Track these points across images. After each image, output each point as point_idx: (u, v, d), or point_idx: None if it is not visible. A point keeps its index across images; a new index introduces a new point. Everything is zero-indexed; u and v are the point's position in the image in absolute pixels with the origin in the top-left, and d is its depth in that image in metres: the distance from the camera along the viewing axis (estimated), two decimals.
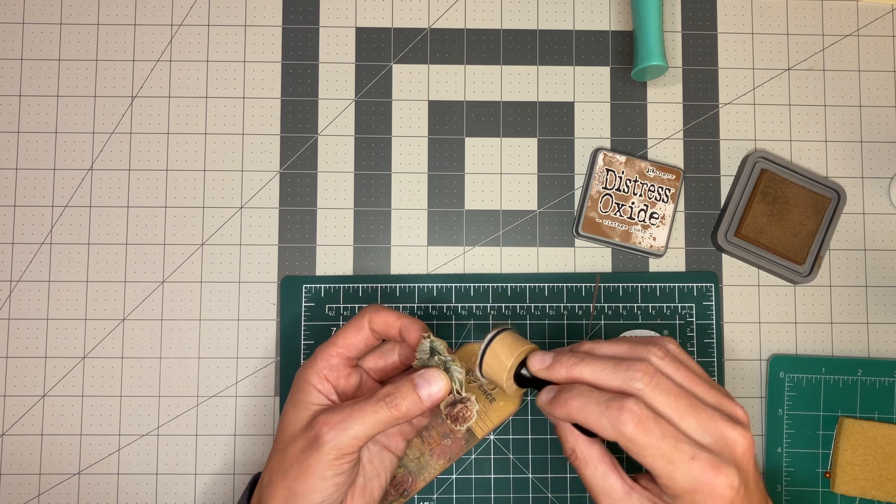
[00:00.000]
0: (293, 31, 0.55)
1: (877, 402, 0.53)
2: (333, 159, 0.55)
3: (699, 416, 0.38)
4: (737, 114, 0.55)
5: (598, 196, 0.54)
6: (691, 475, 0.36)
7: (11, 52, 0.55)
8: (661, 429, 0.37)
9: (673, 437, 0.37)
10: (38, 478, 0.52)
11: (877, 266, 0.55)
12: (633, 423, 0.36)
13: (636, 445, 0.37)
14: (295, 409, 0.42)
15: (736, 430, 0.38)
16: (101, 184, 0.54)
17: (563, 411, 0.39)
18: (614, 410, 0.37)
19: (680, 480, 0.36)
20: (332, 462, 0.40)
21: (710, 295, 0.54)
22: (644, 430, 0.36)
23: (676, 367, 0.39)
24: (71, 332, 0.53)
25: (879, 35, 0.56)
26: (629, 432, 0.36)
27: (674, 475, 0.36)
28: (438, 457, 0.51)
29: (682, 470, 0.36)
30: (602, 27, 0.56)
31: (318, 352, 0.44)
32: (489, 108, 0.55)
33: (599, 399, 0.38)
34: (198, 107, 0.55)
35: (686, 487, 0.36)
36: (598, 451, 0.39)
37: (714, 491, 0.36)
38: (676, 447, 0.36)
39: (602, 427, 0.37)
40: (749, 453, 0.38)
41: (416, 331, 0.43)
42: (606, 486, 0.39)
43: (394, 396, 0.40)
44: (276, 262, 0.54)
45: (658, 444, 0.36)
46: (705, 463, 0.36)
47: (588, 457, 0.39)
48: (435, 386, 0.41)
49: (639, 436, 0.36)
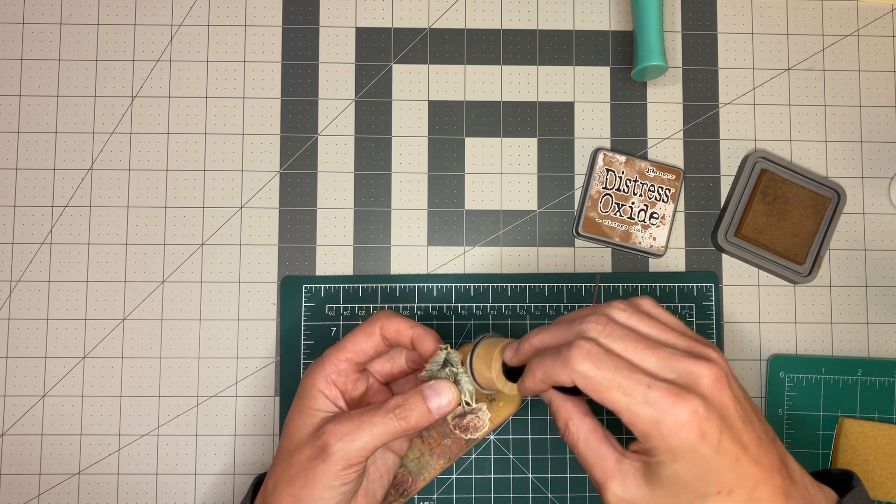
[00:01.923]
0: (293, 31, 0.55)
1: (877, 402, 0.53)
2: (333, 159, 0.55)
3: (658, 354, 0.36)
4: (737, 114, 0.55)
5: (598, 196, 0.54)
6: (651, 404, 0.35)
7: (11, 52, 0.55)
8: (614, 362, 0.36)
9: (627, 369, 0.36)
10: (38, 478, 0.52)
11: (877, 266, 0.55)
12: (581, 357, 0.36)
13: (591, 382, 0.36)
14: (301, 415, 0.42)
15: (701, 364, 0.36)
16: (101, 184, 0.54)
17: (530, 380, 0.39)
18: (565, 352, 0.36)
19: (640, 412, 0.35)
20: (340, 472, 0.40)
21: (710, 295, 0.54)
22: (596, 363, 0.36)
23: (640, 319, 0.38)
24: (71, 332, 0.53)
25: (879, 35, 0.56)
26: (581, 368, 0.36)
27: (632, 407, 0.35)
28: (438, 457, 0.51)
29: (640, 399, 0.35)
30: (602, 27, 0.56)
31: (326, 356, 0.43)
32: (489, 108, 0.55)
33: (554, 351, 0.37)
34: (198, 107, 0.55)
35: (648, 419, 0.35)
36: (590, 424, 0.39)
37: (678, 419, 0.34)
38: (631, 377, 0.35)
39: (558, 373, 0.37)
40: (718, 385, 0.36)
41: (430, 342, 0.43)
42: (598, 456, 0.38)
43: (403, 408, 0.40)
44: (276, 262, 0.54)
45: (612, 376, 0.35)
46: (663, 390, 0.35)
47: (579, 430, 0.39)
48: (444, 397, 0.41)
49: (591, 370, 0.36)
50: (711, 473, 0.35)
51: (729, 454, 0.35)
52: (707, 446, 0.35)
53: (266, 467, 0.52)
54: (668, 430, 0.35)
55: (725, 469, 0.35)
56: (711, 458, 0.35)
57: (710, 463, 0.35)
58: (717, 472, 0.35)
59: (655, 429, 0.35)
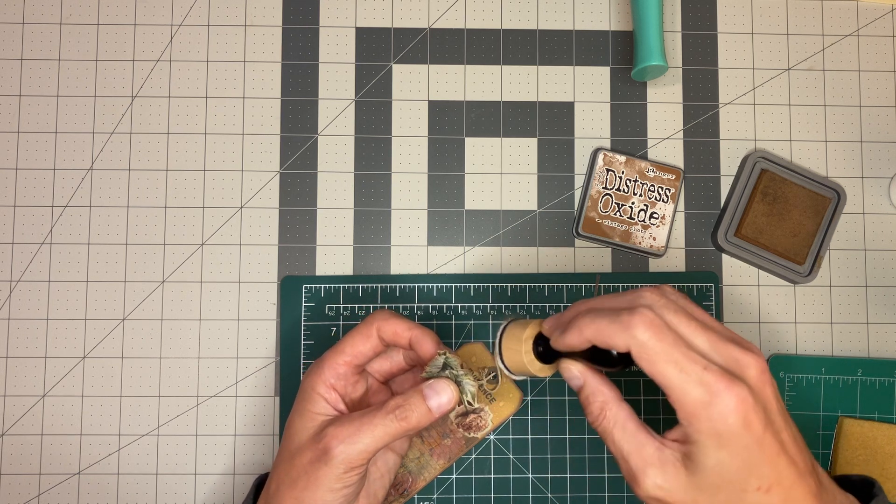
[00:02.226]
0: (293, 31, 0.55)
1: (877, 402, 0.53)
2: (333, 159, 0.55)
3: (709, 337, 0.36)
4: (737, 114, 0.55)
5: (598, 196, 0.54)
6: (704, 385, 0.34)
7: (11, 52, 0.55)
8: (673, 336, 0.35)
9: (686, 347, 0.35)
10: (38, 478, 0.52)
11: (877, 266, 0.55)
12: (644, 325, 0.35)
13: (648, 352, 0.35)
14: (302, 418, 0.42)
15: (749, 354, 0.35)
16: (101, 184, 0.54)
17: (575, 336, 0.37)
18: (626, 317, 0.35)
19: (692, 392, 0.34)
20: (342, 475, 0.40)
21: (710, 295, 0.54)
22: (656, 334, 0.35)
23: (687, 302, 0.38)
24: (71, 332, 0.53)
25: (879, 35, 0.56)
26: (641, 336, 0.35)
27: (685, 386, 0.34)
28: (438, 457, 0.51)
29: (694, 378, 0.34)
30: (602, 27, 0.56)
31: (324, 359, 0.43)
32: (489, 108, 0.55)
33: (611, 313, 0.36)
34: (198, 107, 0.55)
35: (699, 400, 0.34)
36: (627, 410, 0.38)
37: (728, 405, 0.34)
38: (688, 355, 0.35)
39: (613, 335, 0.36)
40: (763, 377, 0.35)
41: (429, 344, 0.43)
42: (637, 444, 0.37)
43: (403, 409, 0.40)
44: (276, 262, 0.54)
45: (670, 350, 0.35)
46: (717, 374, 0.34)
47: (618, 415, 0.37)
48: (444, 396, 0.41)
49: (651, 340, 0.35)
50: (753, 466, 0.35)
51: (770, 449, 0.35)
52: (751, 436, 0.34)
53: (266, 467, 0.52)
54: (716, 414, 0.34)
55: (766, 463, 0.35)
56: (754, 450, 0.34)
57: (752, 454, 0.34)
58: (758, 466, 0.34)
59: (704, 411, 0.34)
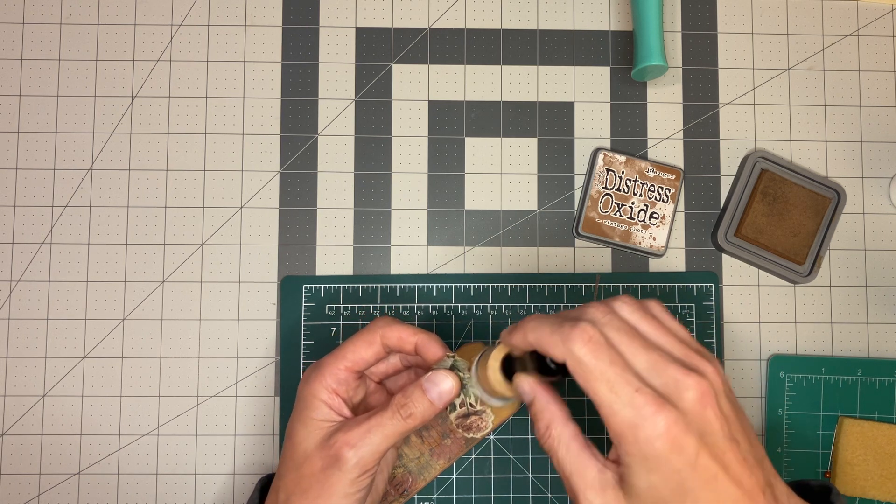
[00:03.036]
0: (293, 31, 0.55)
1: (877, 402, 0.53)
2: (333, 159, 0.55)
3: (650, 356, 0.35)
4: (737, 114, 0.55)
5: (598, 196, 0.54)
6: (633, 407, 0.34)
7: (11, 52, 0.55)
8: (610, 355, 0.35)
9: (621, 367, 0.35)
10: (38, 478, 0.52)
11: (877, 266, 0.55)
12: (582, 341, 0.35)
13: (583, 368, 0.35)
14: (305, 426, 0.42)
15: (690, 377, 0.35)
16: (101, 184, 0.54)
17: (519, 336, 0.38)
18: (567, 329, 0.35)
19: (620, 412, 0.34)
20: (356, 479, 0.40)
21: (710, 295, 0.54)
22: (593, 351, 0.35)
23: (642, 317, 0.37)
24: (71, 332, 0.53)
25: (879, 35, 0.56)
26: (578, 351, 0.35)
27: (614, 406, 0.34)
28: (438, 457, 0.51)
29: (623, 400, 0.34)
30: (602, 27, 0.56)
31: (324, 365, 0.43)
32: (489, 108, 0.55)
33: (554, 322, 0.37)
34: (198, 107, 0.55)
35: (626, 422, 0.34)
36: (573, 430, 0.38)
37: (656, 429, 0.33)
38: (623, 376, 0.34)
39: (553, 344, 0.36)
40: (703, 400, 0.34)
41: (435, 348, 0.43)
42: (580, 465, 0.36)
43: (407, 406, 0.40)
44: (276, 262, 0.54)
45: (605, 368, 0.35)
46: (648, 397, 0.34)
47: (562, 434, 0.38)
48: (444, 384, 0.41)
49: (587, 356, 0.35)
50: (687, 491, 0.34)
51: (706, 472, 0.34)
52: (682, 461, 0.34)
53: (266, 467, 0.52)
54: (643, 438, 0.34)
55: (702, 487, 0.34)
56: (687, 474, 0.34)
57: (685, 478, 0.34)
58: (694, 490, 0.34)
59: (631, 433, 0.34)
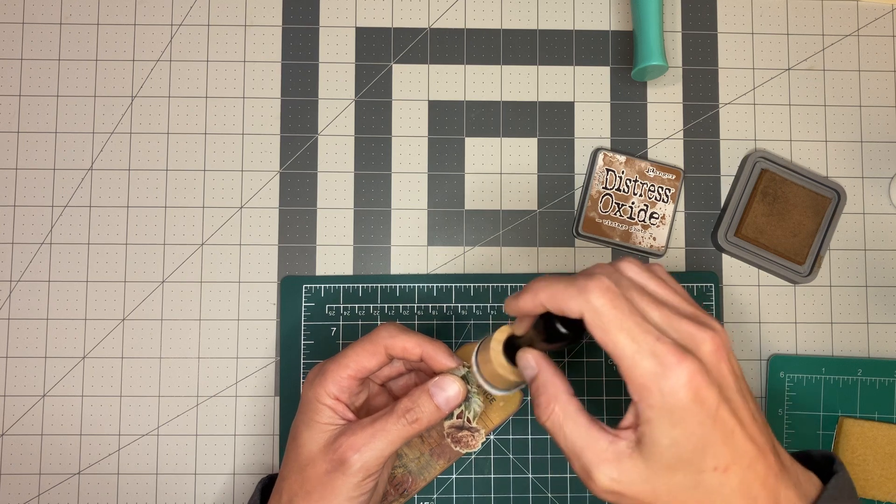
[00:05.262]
0: (293, 31, 0.55)
1: (877, 402, 0.53)
2: (333, 159, 0.55)
3: (662, 312, 0.35)
4: (737, 114, 0.55)
5: (598, 196, 0.54)
6: (655, 357, 0.33)
7: (11, 52, 0.55)
8: (628, 306, 0.34)
9: (641, 317, 0.34)
10: (38, 478, 0.52)
11: (877, 266, 0.55)
12: (600, 291, 0.34)
13: (602, 318, 0.34)
14: (310, 429, 0.41)
15: (704, 331, 0.34)
16: (101, 184, 0.54)
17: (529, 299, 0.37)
18: (581, 281, 0.35)
19: (642, 363, 0.33)
20: (360, 483, 0.40)
21: (710, 295, 0.54)
22: (612, 300, 0.34)
23: (649, 277, 0.37)
24: (71, 332, 0.53)
25: (879, 35, 0.56)
26: (596, 301, 0.34)
27: (636, 357, 0.33)
28: (438, 457, 0.51)
29: (645, 350, 0.33)
30: (602, 27, 0.56)
31: (327, 371, 0.42)
32: (489, 108, 0.55)
33: (567, 280, 0.36)
34: (198, 107, 0.55)
35: (650, 372, 0.33)
36: (577, 405, 0.37)
37: (680, 379, 0.33)
38: (642, 325, 0.34)
39: (568, 299, 0.35)
40: (718, 354, 0.34)
41: (443, 358, 0.42)
42: (590, 438, 0.35)
43: (413, 411, 0.41)
44: (276, 262, 0.54)
45: (625, 318, 0.34)
46: (670, 346, 0.33)
47: (567, 409, 0.36)
48: (450, 390, 0.41)
49: (605, 306, 0.34)
50: (708, 445, 0.33)
51: (725, 426, 0.34)
52: (704, 413, 0.33)
53: (266, 468, 0.52)
54: (667, 389, 0.33)
55: (721, 442, 0.34)
56: (708, 427, 0.33)
57: (706, 432, 0.33)
58: (714, 445, 0.34)
59: (655, 385, 0.33)
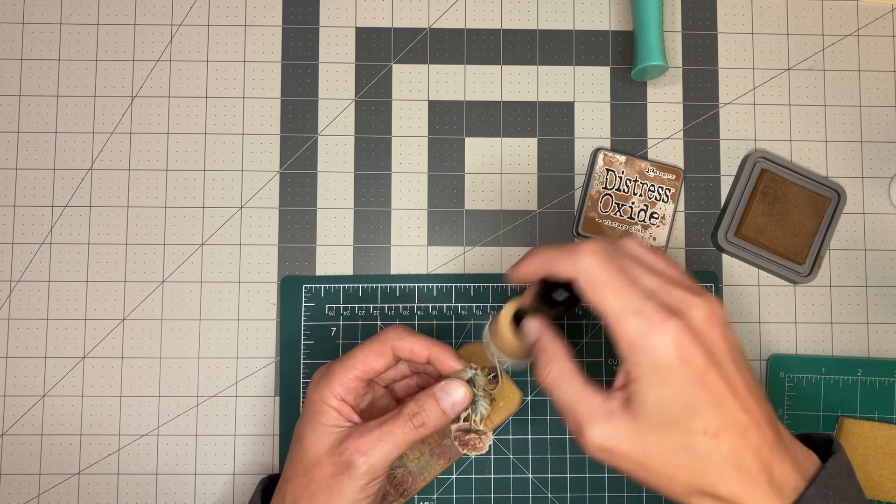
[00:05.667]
0: (293, 31, 0.55)
1: (877, 402, 0.53)
2: (333, 159, 0.55)
3: (656, 280, 0.36)
4: (737, 114, 0.55)
5: (598, 196, 0.54)
6: (641, 315, 0.34)
7: (11, 52, 0.55)
8: (618, 269, 0.36)
9: (630, 280, 0.36)
10: (38, 478, 0.52)
11: (877, 266, 0.55)
12: (591, 254, 0.36)
13: (592, 280, 0.36)
14: (315, 431, 0.42)
15: (697, 298, 0.35)
16: (101, 184, 0.54)
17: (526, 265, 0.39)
18: (573, 247, 0.37)
19: (628, 321, 0.35)
20: (365, 486, 0.40)
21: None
22: (601, 262, 0.36)
23: (648, 251, 0.38)
24: (71, 332, 0.53)
25: (879, 35, 0.56)
26: (585, 263, 0.36)
27: (622, 315, 0.35)
28: (438, 457, 0.51)
29: (632, 307, 0.35)
30: (602, 27, 0.56)
31: (333, 372, 0.42)
32: (489, 108, 0.55)
33: (561, 246, 0.38)
34: (198, 107, 0.55)
35: (637, 329, 0.34)
36: (574, 368, 0.38)
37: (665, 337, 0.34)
38: (631, 287, 0.35)
39: (561, 262, 0.37)
40: (711, 321, 0.35)
41: (450, 361, 0.43)
42: (584, 396, 0.37)
43: (419, 415, 0.41)
44: (276, 262, 0.54)
45: (613, 278, 0.35)
46: (657, 306, 0.34)
47: (563, 370, 0.38)
48: (456, 394, 0.42)
49: (594, 268, 0.36)
50: (696, 407, 0.34)
51: (714, 390, 0.34)
52: (690, 374, 0.34)
53: (266, 468, 0.52)
54: (652, 345, 0.34)
55: (710, 405, 0.34)
56: (695, 389, 0.34)
57: (694, 393, 0.34)
58: (702, 407, 0.34)
59: (641, 342, 0.34)
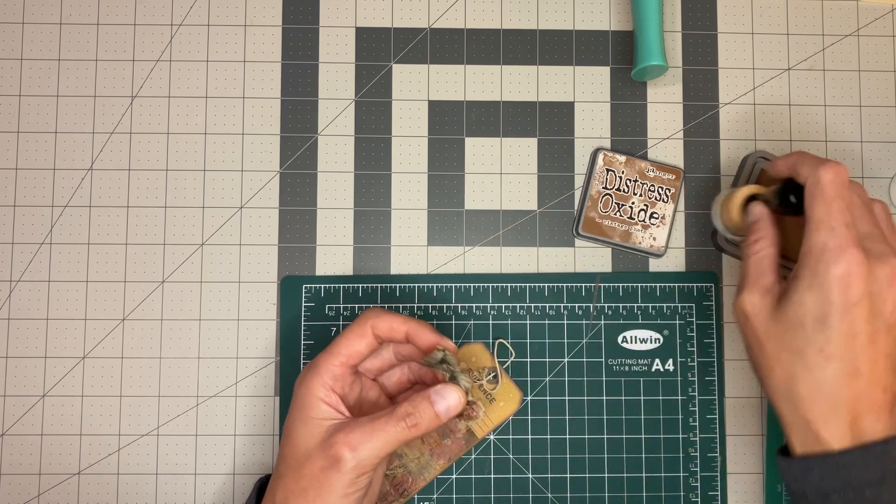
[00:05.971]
0: (293, 31, 0.55)
1: None
2: (333, 159, 0.55)
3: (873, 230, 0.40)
4: (737, 114, 0.55)
5: (598, 196, 0.54)
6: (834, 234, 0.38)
7: (11, 52, 0.55)
8: (844, 196, 0.39)
9: (849, 209, 0.39)
10: (38, 478, 0.52)
11: None
12: (832, 171, 0.39)
13: (817, 189, 0.39)
14: (305, 425, 0.42)
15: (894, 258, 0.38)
16: (101, 184, 0.54)
17: (783, 158, 0.44)
18: (825, 161, 0.40)
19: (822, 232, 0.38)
20: (354, 481, 0.40)
21: (710, 295, 0.54)
22: (834, 182, 0.39)
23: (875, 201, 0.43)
24: (71, 332, 0.53)
25: (879, 35, 0.56)
26: (824, 175, 0.40)
27: (822, 225, 0.38)
28: (438, 457, 0.51)
29: (831, 223, 0.38)
30: (602, 27, 0.56)
31: (319, 362, 0.43)
32: (489, 108, 0.55)
33: (815, 157, 0.42)
34: (198, 107, 0.55)
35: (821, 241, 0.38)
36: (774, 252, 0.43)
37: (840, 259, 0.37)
38: (844, 213, 0.38)
39: (808, 165, 0.41)
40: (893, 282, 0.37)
41: (427, 335, 0.43)
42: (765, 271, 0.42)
43: (413, 416, 0.41)
44: (276, 262, 0.54)
45: (834, 198, 0.39)
46: (853, 236, 0.38)
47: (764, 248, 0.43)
48: (451, 399, 0.42)
49: (828, 183, 0.39)
50: (827, 328, 0.36)
51: (854, 327, 0.36)
52: (842, 299, 0.36)
53: (266, 467, 0.52)
54: (825, 259, 0.37)
55: (840, 335, 0.36)
56: (836, 312, 0.36)
57: (832, 314, 0.36)
58: (833, 331, 0.36)
59: (819, 250, 0.38)
